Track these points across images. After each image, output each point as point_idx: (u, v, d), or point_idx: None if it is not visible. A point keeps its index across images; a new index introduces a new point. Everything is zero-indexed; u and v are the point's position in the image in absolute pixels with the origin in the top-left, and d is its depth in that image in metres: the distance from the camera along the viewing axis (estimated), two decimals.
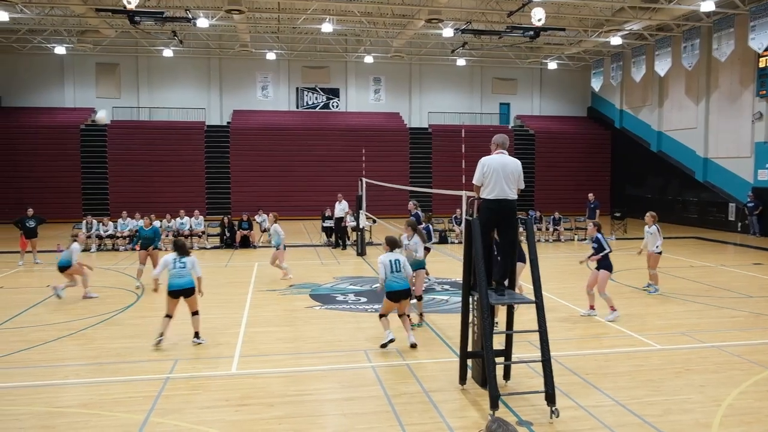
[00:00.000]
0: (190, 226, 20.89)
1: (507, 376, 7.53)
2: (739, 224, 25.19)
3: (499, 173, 7.08)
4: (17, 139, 30.09)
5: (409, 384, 7.53)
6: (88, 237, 19.61)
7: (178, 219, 20.98)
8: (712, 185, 27.13)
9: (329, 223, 21.55)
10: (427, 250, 13.49)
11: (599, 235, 10.97)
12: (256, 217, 22.28)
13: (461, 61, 33.81)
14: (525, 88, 37.21)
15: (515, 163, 7.25)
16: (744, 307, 11.71)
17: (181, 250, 9.29)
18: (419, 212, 15.91)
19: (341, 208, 20.69)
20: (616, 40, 27.92)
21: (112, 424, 6.38)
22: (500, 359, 7.32)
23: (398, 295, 8.71)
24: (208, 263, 16.85)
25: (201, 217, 21.67)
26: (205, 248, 20.42)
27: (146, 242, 14.18)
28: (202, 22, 24.53)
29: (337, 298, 12.59)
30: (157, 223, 17.72)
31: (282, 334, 9.91)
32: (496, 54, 33.52)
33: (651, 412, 6.63)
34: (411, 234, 10.35)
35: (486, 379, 6.74)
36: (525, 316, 9.05)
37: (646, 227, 13.09)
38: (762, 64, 24.02)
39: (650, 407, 6.77)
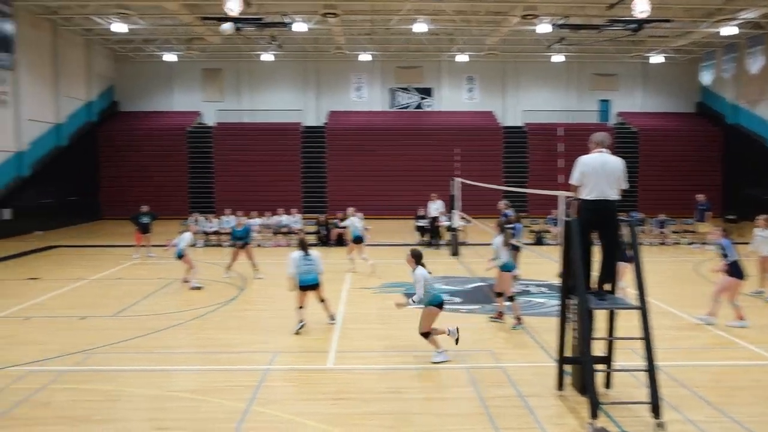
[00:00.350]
0: (288, 224, 21.62)
1: (608, 384, 7.24)
2: None
3: (598, 173, 6.83)
4: (133, 141, 32.37)
5: (503, 387, 7.42)
6: (195, 232, 20.88)
7: (276, 217, 21.77)
8: None
9: (423, 223, 21.61)
10: (516, 249, 13.25)
11: (725, 241, 10.24)
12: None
13: (558, 58, 32.80)
14: (627, 84, 35.51)
15: (616, 162, 6.96)
16: None
17: (306, 248, 10.00)
18: (510, 212, 15.75)
19: (435, 207, 20.70)
20: (728, 30, 26.01)
21: (218, 410, 6.73)
22: (601, 366, 7.05)
23: (443, 305, 8.56)
24: None
25: (298, 216, 22.37)
26: None
27: (239, 241, 15.19)
28: (299, 27, 25.30)
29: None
30: (256, 221, 18.55)
31: (376, 332, 10.04)
32: (595, 49, 32.18)
33: None
34: (499, 233, 10.49)
35: (585, 386, 6.52)
36: (628, 322, 8.65)
37: (758, 230, 12.21)
38: None
39: None
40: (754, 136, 30.27)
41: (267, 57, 32.55)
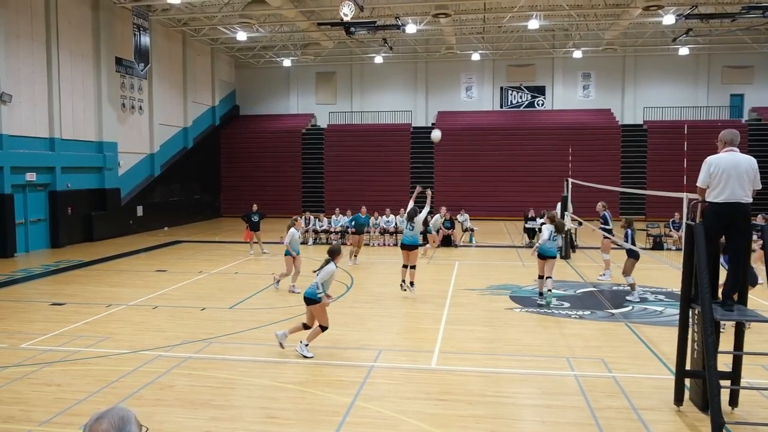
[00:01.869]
0: (396, 224, 21.86)
1: (734, 402, 6.66)
2: None
3: (730, 173, 6.34)
4: (251, 143, 34.23)
5: (615, 398, 7.05)
6: (306, 231, 21.73)
7: (384, 216, 22.10)
8: None
9: (531, 224, 21.04)
10: (635, 257, 12.55)
11: None
12: (458, 216, 22.59)
13: (684, 50, 30.67)
14: (764, 76, 32.50)
15: (749, 162, 6.45)
16: None
17: (412, 220, 12.97)
18: (607, 214, 15.09)
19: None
20: None
21: (324, 402, 6.94)
22: (726, 382, 6.51)
23: (306, 300, 8.77)
24: None
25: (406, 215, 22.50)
26: None
27: (360, 228, 17.63)
28: (411, 28, 25.51)
29: (539, 302, 12.23)
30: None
31: (481, 334, 9.91)
32: (728, 39, 29.76)
33: None
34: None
35: (707, 403, 6.05)
36: (759, 336, 7.94)
37: None
38: None
39: None
40: None
41: (378, 59, 33.12)
